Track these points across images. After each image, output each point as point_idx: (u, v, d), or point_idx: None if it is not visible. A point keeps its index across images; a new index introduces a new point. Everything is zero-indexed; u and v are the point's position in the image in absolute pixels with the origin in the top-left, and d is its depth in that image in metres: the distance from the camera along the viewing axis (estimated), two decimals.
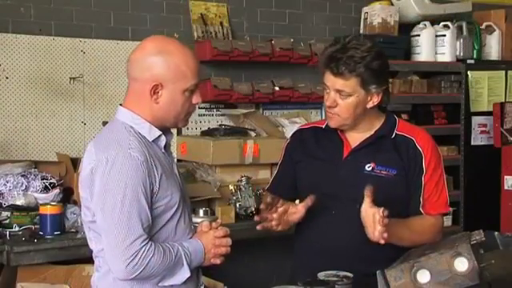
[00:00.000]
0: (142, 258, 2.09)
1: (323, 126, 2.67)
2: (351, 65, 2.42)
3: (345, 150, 2.58)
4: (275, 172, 2.81)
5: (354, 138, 2.58)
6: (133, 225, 2.09)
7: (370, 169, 2.53)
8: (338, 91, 2.47)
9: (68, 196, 3.73)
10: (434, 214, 2.55)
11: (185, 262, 2.19)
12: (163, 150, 2.27)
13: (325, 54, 2.51)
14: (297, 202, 2.78)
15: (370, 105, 2.51)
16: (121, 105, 2.28)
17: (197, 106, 2.34)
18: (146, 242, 2.11)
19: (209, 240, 2.28)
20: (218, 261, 2.30)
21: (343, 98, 2.47)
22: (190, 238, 2.29)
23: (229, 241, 2.32)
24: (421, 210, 2.53)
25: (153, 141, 2.23)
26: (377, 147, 2.56)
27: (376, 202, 2.41)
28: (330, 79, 2.47)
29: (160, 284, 2.20)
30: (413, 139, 2.56)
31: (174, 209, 2.22)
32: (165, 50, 2.19)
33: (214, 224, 2.33)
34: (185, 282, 2.23)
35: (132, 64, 2.22)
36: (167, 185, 2.19)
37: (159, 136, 2.25)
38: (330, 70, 2.46)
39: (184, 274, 2.20)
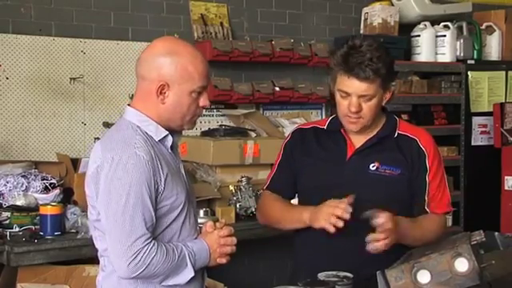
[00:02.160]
0: (145, 256, 2.09)
1: (324, 127, 2.66)
2: (374, 66, 2.42)
3: (349, 151, 2.58)
4: (273, 170, 2.80)
5: (358, 138, 2.58)
6: (136, 223, 2.09)
7: (375, 168, 2.53)
8: (362, 96, 2.46)
9: (68, 196, 3.73)
10: (439, 212, 2.57)
11: (189, 262, 2.19)
12: (170, 151, 2.27)
13: (340, 59, 2.46)
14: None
15: (384, 102, 2.54)
16: (129, 105, 2.28)
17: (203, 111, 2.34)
18: (148, 241, 2.11)
19: (213, 240, 2.28)
20: (224, 260, 2.30)
21: (366, 101, 2.47)
22: (195, 238, 2.29)
23: (234, 240, 2.32)
24: (426, 208, 2.54)
25: (159, 140, 2.23)
26: (380, 147, 2.56)
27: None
28: (354, 85, 2.44)
29: (164, 283, 2.19)
30: (416, 139, 2.57)
31: (180, 209, 2.22)
32: (173, 50, 2.20)
33: (218, 224, 2.33)
34: (190, 283, 2.23)
35: (141, 63, 2.23)
36: (173, 185, 2.19)
37: (166, 136, 2.25)
38: (355, 75, 2.42)
39: (188, 273, 2.20)
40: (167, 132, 2.25)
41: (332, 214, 2.34)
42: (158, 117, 2.22)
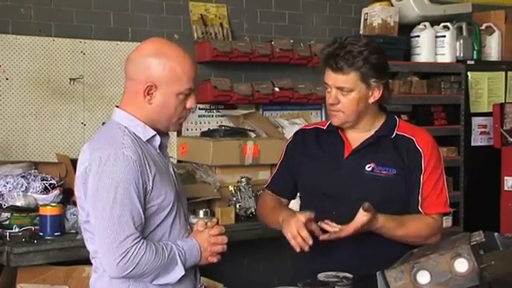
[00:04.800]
0: (134, 255, 2.10)
1: (324, 128, 2.68)
2: (350, 59, 2.44)
3: (346, 151, 2.59)
4: (275, 170, 2.82)
5: (355, 139, 2.59)
6: (124, 223, 2.10)
7: (370, 169, 2.54)
8: (340, 88, 2.49)
9: (68, 197, 3.73)
10: (433, 213, 2.56)
11: (179, 261, 2.20)
12: (158, 151, 2.28)
13: (323, 53, 2.54)
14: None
15: (371, 100, 2.53)
16: (117, 106, 2.29)
17: (191, 111, 2.34)
18: (137, 240, 2.12)
19: (204, 238, 2.29)
20: (214, 259, 2.31)
21: (345, 95, 2.49)
22: (186, 237, 2.30)
23: (224, 239, 2.33)
24: (419, 208, 2.54)
25: (147, 141, 2.25)
26: (377, 147, 2.57)
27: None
28: (331, 77, 2.49)
29: (155, 282, 2.20)
30: (413, 139, 2.57)
31: (169, 209, 2.23)
32: (161, 52, 2.21)
33: (209, 223, 2.34)
34: (181, 281, 2.24)
35: (129, 64, 2.25)
36: (161, 184, 2.20)
37: (153, 136, 2.26)
38: (329, 66, 2.48)
39: (178, 272, 2.21)
40: (155, 132, 2.26)
41: (296, 236, 2.37)
42: (144, 117, 2.23)
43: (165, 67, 2.19)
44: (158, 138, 2.27)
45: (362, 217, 2.34)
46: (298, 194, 2.78)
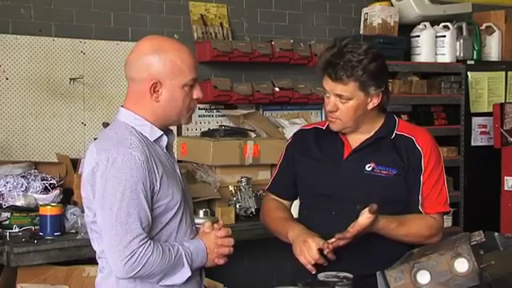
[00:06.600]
0: (141, 256, 2.10)
1: (324, 127, 2.67)
2: (349, 70, 2.42)
3: (345, 151, 2.58)
4: (275, 172, 2.81)
5: (355, 139, 2.59)
6: (131, 223, 2.10)
7: (370, 169, 2.54)
8: (338, 95, 2.48)
9: (68, 197, 3.74)
10: (433, 212, 2.56)
11: (185, 262, 2.20)
12: (165, 151, 2.28)
13: (322, 58, 2.52)
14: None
15: (370, 106, 2.52)
16: (122, 106, 2.28)
17: (199, 101, 2.34)
18: (144, 240, 2.11)
19: (211, 240, 2.29)
20: (221, 261, 2.31)
21: (343, 102, 2.48)
22: (192, 238, 2.30)
23: (231, 241, 2.33)
24: (420, 208, 2.54)
25: (154, 141, 2.25)
26: (377, 147, 2.57)
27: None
28: (329, 84, 2.49)
29: (161, 283, 2.20)
30: (412, 139, 2.57)
31: (175, 209, 2.23)
32: (159, 48, 2.21)
33: (216, 225, 2.34)
34: (187, 283, 2.24)
35: (129, 65, 2.24)
36: (168, 185, 2.20)
37: (161, 136, 2.26)
38: (328, 75, 2.47)
39: (185, 273, 2.21)
40: (162, 132, 2.26)
41: (307, 262, 2.40)
42: (153, 116, 2.23)
43: (165, 62, 2.19)
44: (165, 138, 2.27)
45: (365, 219, 2.33)
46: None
